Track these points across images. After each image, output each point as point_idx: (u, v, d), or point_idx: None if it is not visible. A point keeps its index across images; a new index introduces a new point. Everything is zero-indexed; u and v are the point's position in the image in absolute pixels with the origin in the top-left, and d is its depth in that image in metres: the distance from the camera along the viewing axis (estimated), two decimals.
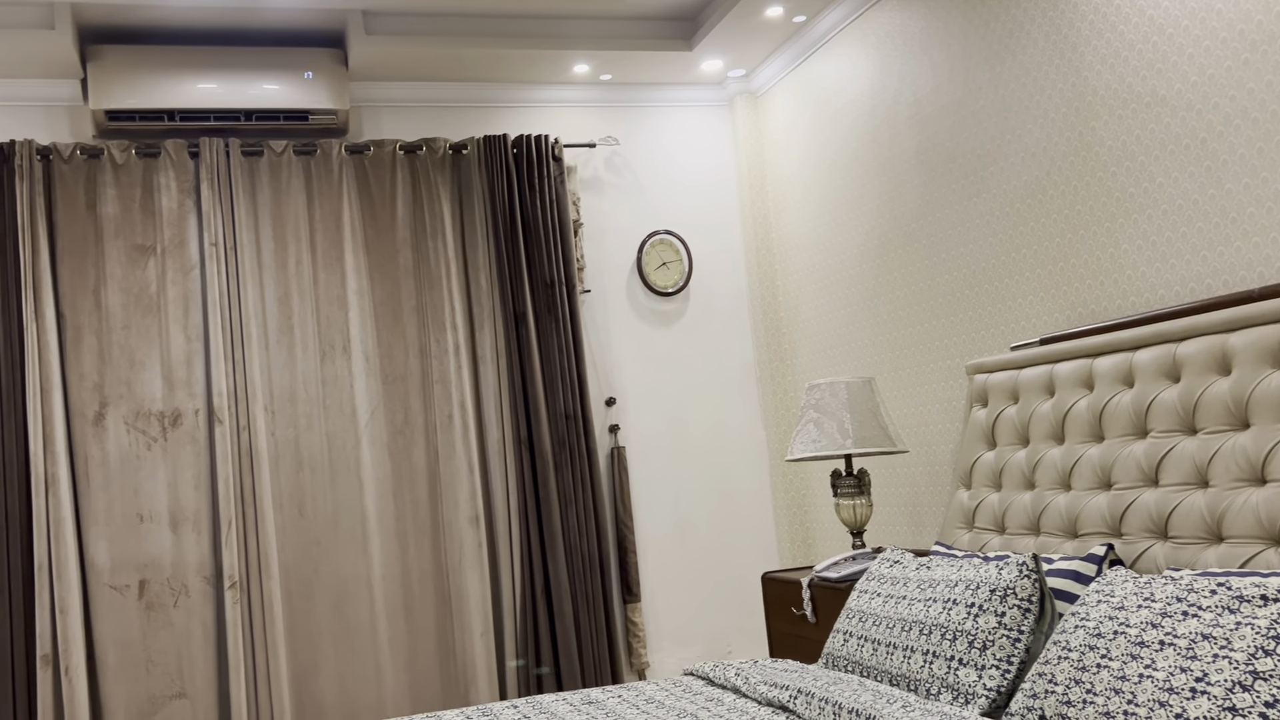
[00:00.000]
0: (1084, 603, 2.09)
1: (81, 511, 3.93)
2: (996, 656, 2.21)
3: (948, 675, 2.25)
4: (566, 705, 2.60)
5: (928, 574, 2.55)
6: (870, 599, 2.65)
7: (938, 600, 2.40)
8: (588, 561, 4.41)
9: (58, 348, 3.94)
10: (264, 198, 4.26)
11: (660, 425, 4.76)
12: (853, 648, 2.60)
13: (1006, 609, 2.25)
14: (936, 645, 2.31)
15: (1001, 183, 3.39)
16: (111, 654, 3.89)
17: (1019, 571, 2.30)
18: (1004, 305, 3.41)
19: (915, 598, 2.48)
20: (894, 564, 2.74)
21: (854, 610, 2.69)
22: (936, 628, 2.34)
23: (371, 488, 4.25)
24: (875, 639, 2.51)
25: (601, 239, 4.76)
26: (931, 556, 2.70)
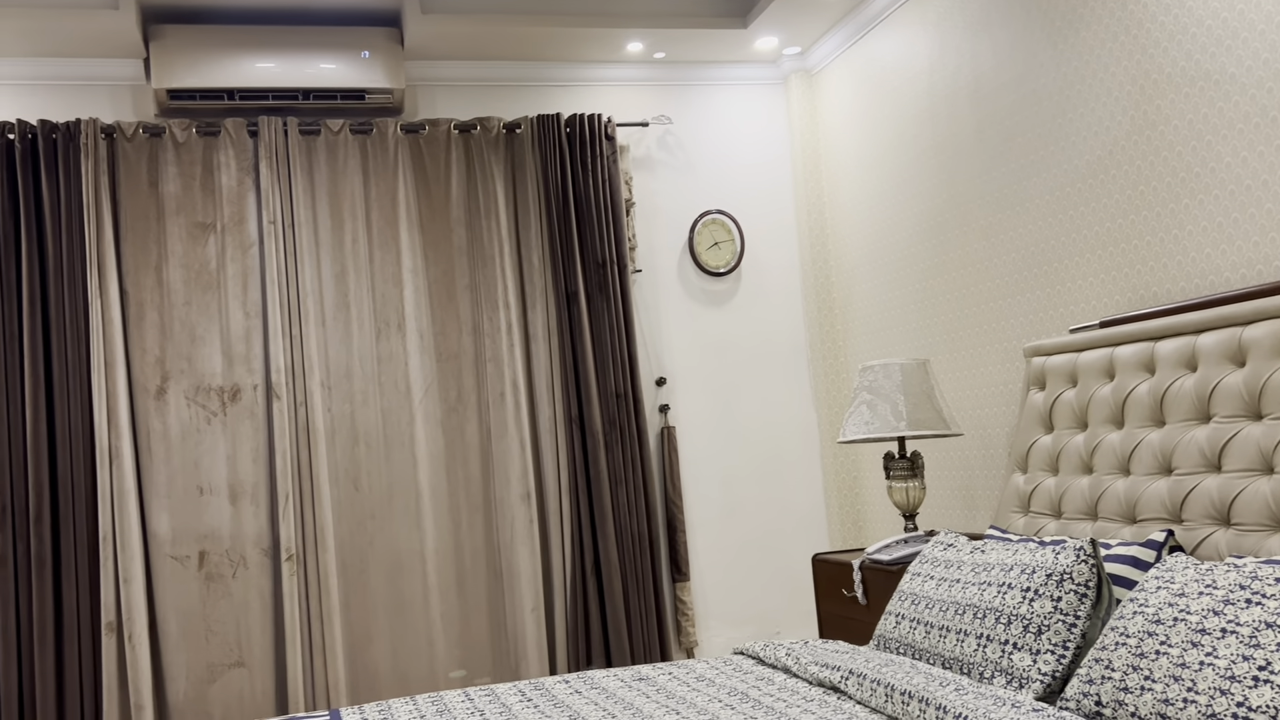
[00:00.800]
0: (1143, 589, 2.07)
1: (144, 484, 4.02)
2: (1052, 641, 2.19)
3: (1001, 659, 2.23)
4: (617, 681, 2.62)
5: (982, 558, 2.53)
6: (923, 582, 2.64)
7: (992, 584, 2.38)
8: (637, 540, 4.43)
9: (121, 323, 4.02)
10: (321, 176, 4.31)
11: (710, 406, 4.76)
12: (905, 630, 2.59)
13: (1063, 594, 2.23)
14: (990, 629, 2.29)
15: (1062, 162, 3.33)
16: (173, 622, 3.98)
17: (1076, 556, 2.27)
18: (1063, 287, 3.35)
19: (969, 581, 2.46)
20: (948, 547, 2.72)
21: (906, 593, 2.68)
22: (991, 611, 2.32)
23: (425, 463, 4.30)
24: (928, 622, 2.50)
25: (653, 218, 4.75)
26: (986, 540, 2.68)
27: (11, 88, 4.13)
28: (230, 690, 4.00)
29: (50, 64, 4.14)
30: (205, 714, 3.97)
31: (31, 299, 3.91)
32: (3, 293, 3.88)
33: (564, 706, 2.39)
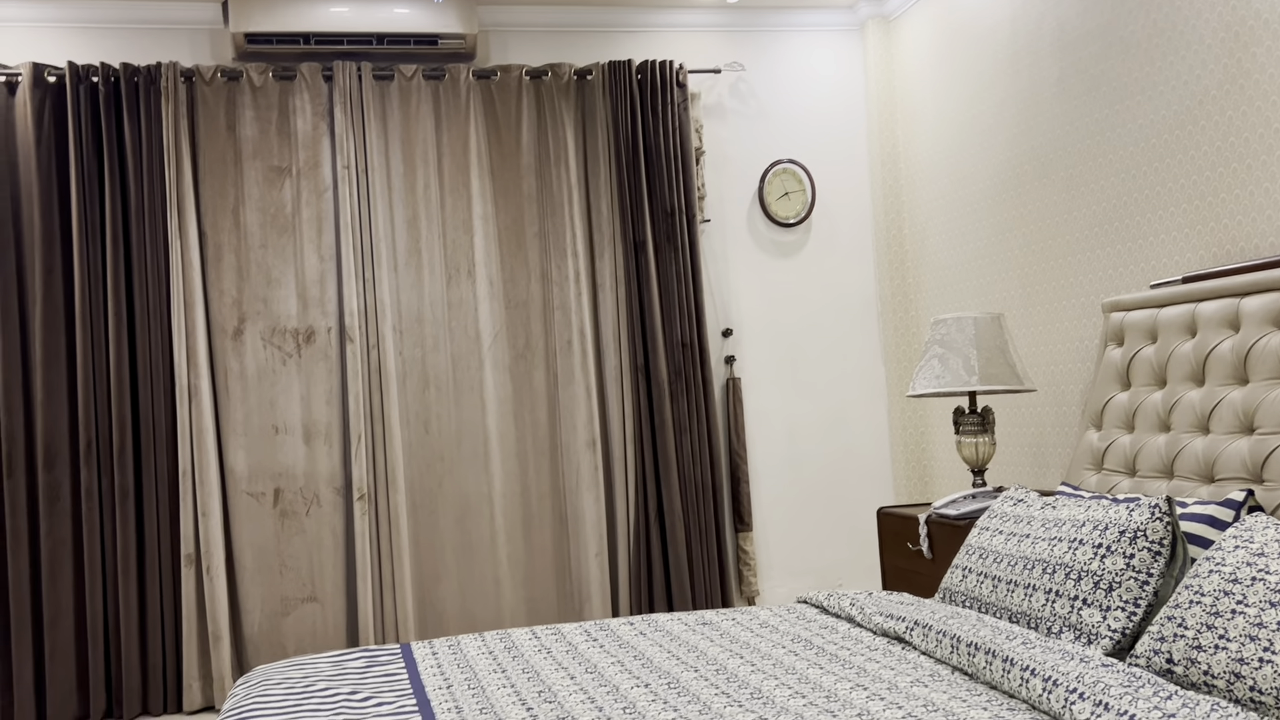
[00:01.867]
0: (1220, 548, 2.03)
1: (221, 422, 4.13)
2: (1123, 598, 2.16)
3: (1070, 615, 2.22)
4: (681, 625, 2.65)
5: (1053, 513, 2.50)
6: (992, 536, 2.62)
7: (1063, 540, 2.36)
8: (701, 489, 4.45)
9: (200, 265, 4.11)
10: (394, 122, 4.34)
11: (777, 357, 4.74)
12: (971, 584, 2.57)
13: (1136, 551, 2.20)
14: (1060, 584, 2.27)
15: (1148, 113, 3.23)
16: (249, 556, 4.11)
17: (1150, 514, 2.24)
18: (1144, 242, 3.27)
19: (1039, 536, 2.44)
20: (1018, 502, 2.69)
21: (974, 547, 2.66)
22: (1061, 567, 2.30)
23: (493, 409, 4.36)
24: (995, 576, 2.49)
25: (723, 167, 4.71)
26: (1057, 496, 2.65)
27: (95, 30, 4.21)
28: (303, 624, 4.13)
29: (132, 7, 4.21)
30: (279, 646, 4.11)
31: (114, 240, 4.01)
32: (87, 233, 3.99)
33: (629, 647, 2.43)
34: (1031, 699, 1.82)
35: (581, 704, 1.98)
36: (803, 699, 1.93)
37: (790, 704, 1.90)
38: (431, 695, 2.10)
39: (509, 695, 2.07)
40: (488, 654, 2.45)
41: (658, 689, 2.05)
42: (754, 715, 1.85)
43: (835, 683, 2.03)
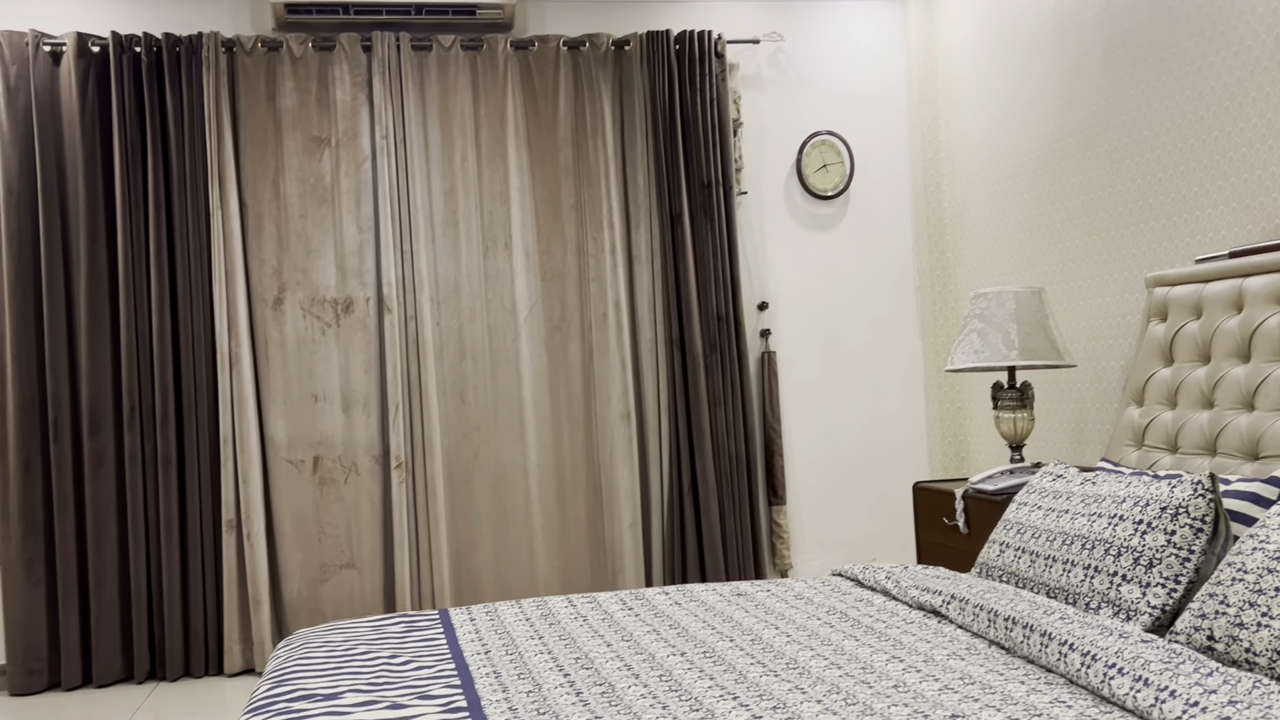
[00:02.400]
0: (1264, 525, 2.01)
1: (261, 390, 4.18)
2: (1163, 575, 2.15)
3: (1109, 591, 2.20)
4: (716, 595, 2.66)
5: (1093, 489, 2.48)
6: (1030, 511, 2.60)
7: (1103, 515, 2.34)
8: (735, 462, 4.46)
9: (240, 234, 4.15)
10: (432, 93, 4.34)
11: (812, 331, 4.72)
12: (1009, 559, 2.56)
13: (1177, 527, 2.18)
14: (1099, 560, 2.26)
15: (1197, 83, 3.17)
16: (288, 523, 4.16)
17: (1193, 490, 2.21)
18: (1190, 215, 3.22)
19: (1079, 512, 2.42)
20: (1057, 478, 2.67)
21: (1012, 522, 2.65)
22: (1100, 543, 2.28)
23: (529, 380, 4.38)
24: (1033, 551, 2.47)
25: (761, 139, 4.68)
26: (1097, 472, 2.63)
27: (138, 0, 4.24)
28: (341, 590, 4.19)
29: None
30: (318, 611, 4.17)
31: (157, 209, 4.05)
32: (130, 202, 4.03)
33: (664, 616, 2.44)
34: (1070, 674, 1.81)
35: (618, 671, 1.99)
36: (838, 670, 1.94)
37: (826, 675, 1.91)
38: (470, 660, 2.13)
39: (546, 662, 2.09)
40: (525, 621, 2.47)
41: (694, 658, 2.07)
42: (790, 685, 1.85)
43: (871, 654, 2.04)
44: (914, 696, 1.76)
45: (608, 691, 1.86)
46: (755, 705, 1.74)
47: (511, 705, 1.81)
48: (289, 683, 1.98)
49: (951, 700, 1.73)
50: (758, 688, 1.85)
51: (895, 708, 1.71)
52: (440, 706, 1.80)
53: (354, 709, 1.79)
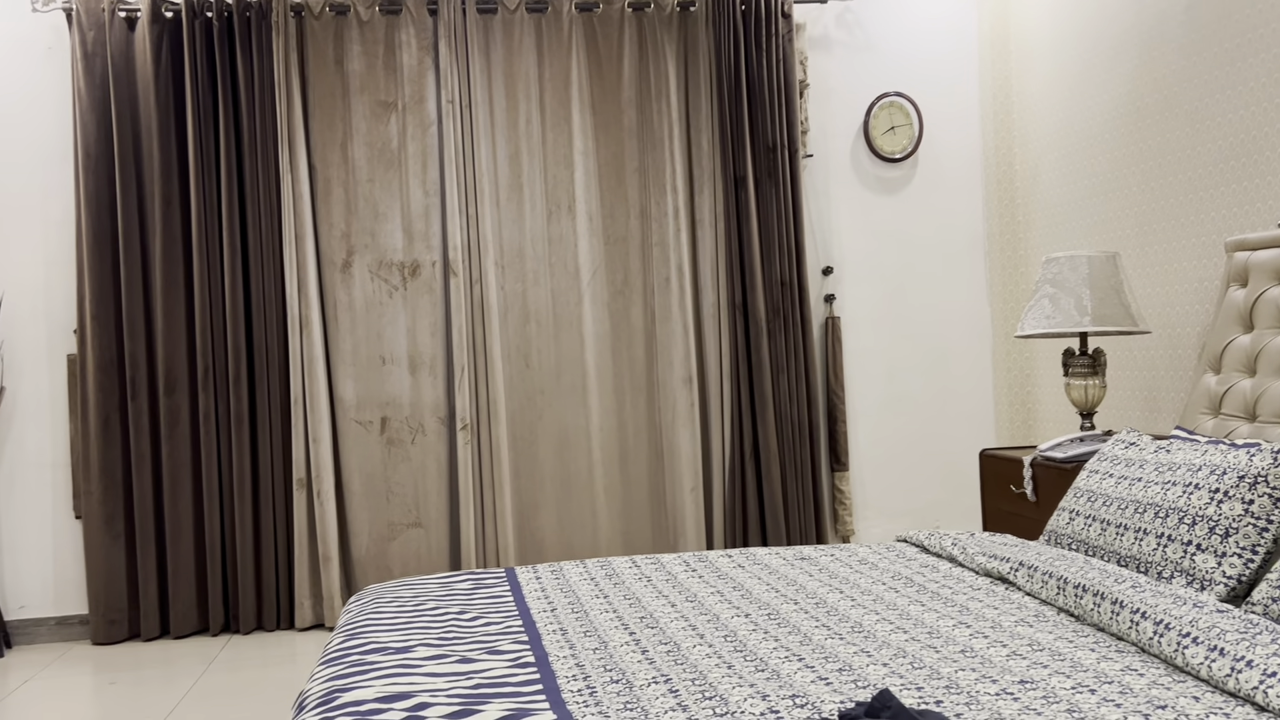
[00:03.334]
0: None
1: (331, 352, 4.25)
2: (1239, 545, 2.10)
3: (1183, 560, 2.17)
4: (780, 559, 2.66)
5: (1167, 457, 2.43)
6: (1101, 479, 2.56)
7: (1177, 484, 2.29)
8: (797, 428, 4.44)
9: (310, 198, 4.21)
10: (497, 56, 4.35)
11: (878, 296, 4.67)
12: (1078, 527, 2.53)
13: (1255, 496, 2.13)
14: (1173, 529, 2.22)
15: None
16: (357, 482, 4.24)
17: (1273, 459, 2.16)
18: (1273, 178, 3.11)
19: (1152, 480, 2.38)
20: (1129, 445, 2.63)
21: (1082, 490, 2.61)
22: (1174, 511, 2.24)
23: (592, 344, 4.40)
24: (1104, 519, 2.44)
25: (827, 101, 4.62)
26: (1171, 440, 2.57)
27: None
28: (408, 548, 4.27)
29: None
30: (385, 568, 4.25)
31: (229, 173, 4.12)
32: (203, 166, 4.10)
33: (728, 578, 2.45)
34: (1141, 642, 1.79)
35: (683, 630, 2.01)
36: (904, 634, 1.93)
37: (891, 639, 1.91)
38: (536, 617, 2.16)
39: (611, 619, 2.12)
40: (589, 580, 2.50)
41: (758, 619, 2.08)
42: (855, 648, 1.85)
43: (937, 620, 2.03)
44: (981, 661, 1.75)
45: (673, 650, 1.88)
46: (820, 667, 1.75)
47: (578, 661, 1.83)
48: (361, 636, 2.03)
49: (1019, 666, 1.72)
50: (822, 650, 1.85)
51: (962, 672, 1.70)
52: (509, 661, 1.83)
53: (425, 662, 1.83)
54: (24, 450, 4.15)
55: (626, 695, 1.63)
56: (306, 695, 1.72)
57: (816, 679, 1.68)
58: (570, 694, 1.65)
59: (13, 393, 4.14)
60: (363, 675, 1.75)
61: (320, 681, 1.76)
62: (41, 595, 4.16)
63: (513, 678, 1.74)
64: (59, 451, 4.17)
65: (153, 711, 3.22)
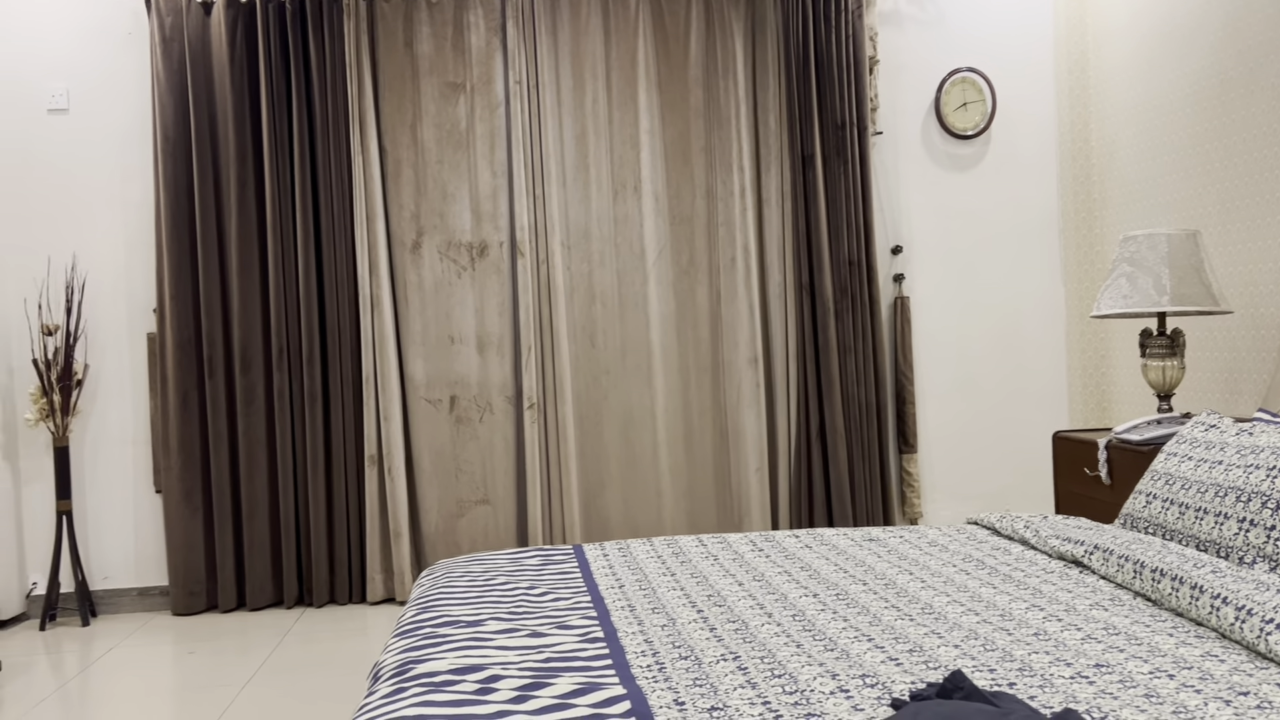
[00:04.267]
0: None
1: (401, 331, 4.31)
2: None
3: (1265, 545, 2.11)
4: (847, 540, 2.65)
5: (1250, 440, 2.37)
6: (1180, 462, 2.50)
7: (1260, 467, 2.23)
8: (864, 409, 4.40)
9: (380, 179, 4.26)
10: (564, 36, 4.35)
11: (948, 276, 4.60)
12: (1156, 510, 2.48)
13: None
14: (1255, 513, 2.16)
15: None
16: (426, 459, 4.31)
17: None
18: None
19: (1233, 463, 2.32)
20: (1209, 428, 2.56)
21: (1160, 473, 2.55)
22: (1257, 495, 2.18)
23: (657, 324, 4.40)
24: (1183, 503, 2.38)
25: (897, 77, 4.55)
26: (1254, 423, 2.50)
27: None
28: (476, 524, 4.32)
29: None
30: (454, 544, 4.32)
31: (301, 155, 4.19)
32: (277, 148, 4.18)
33: (795, 559, 2.45)
34: (1222, 628, 1.75)
35: (750, 609, 2.01)
36: (976, 616, 1.91)
37: (963, 620, 1.89)
38: (605, 593, 2.18)
39: (679, 597, 2.12)
40: (656, 558, 2.51)
41: (826, 599, 2.07)
42: (925, 629, 1.84)
43: (1010, 602, 2.00)
44: (1055, 645, 1.73)
45: (741, 628, 1.88)
46: (890, 647, 1.74)
47: (647, 637, 1.84)
48: (434, 609, 2.07)
49: (1095, 650, 1.69)
50: (892, 630, 1.84)
51: (1035, 655, 1.68)
52: (578, 636, 1.85)
53: (496, 635, 1.85)
54: (107, 426, 4.27)
55: (695, 671, 1.64)
56: (382, 666, 1.76)
57: (886, 659, 1.67)
58: (639, 669, 1.67)
59: (96, 370, 4.27)
60: (436, 647, 1.78)
61: (395, 653, 1.79)
62: (124, 567, 4.29)
63: (582, 652, 1.76)
64: (140, 428, 4.29)
65: (230, 681, 3.32)
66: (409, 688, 1.58)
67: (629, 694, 1.53)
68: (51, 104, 4.23)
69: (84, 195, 4.26)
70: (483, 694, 1.54)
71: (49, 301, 4.23)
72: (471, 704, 1.50)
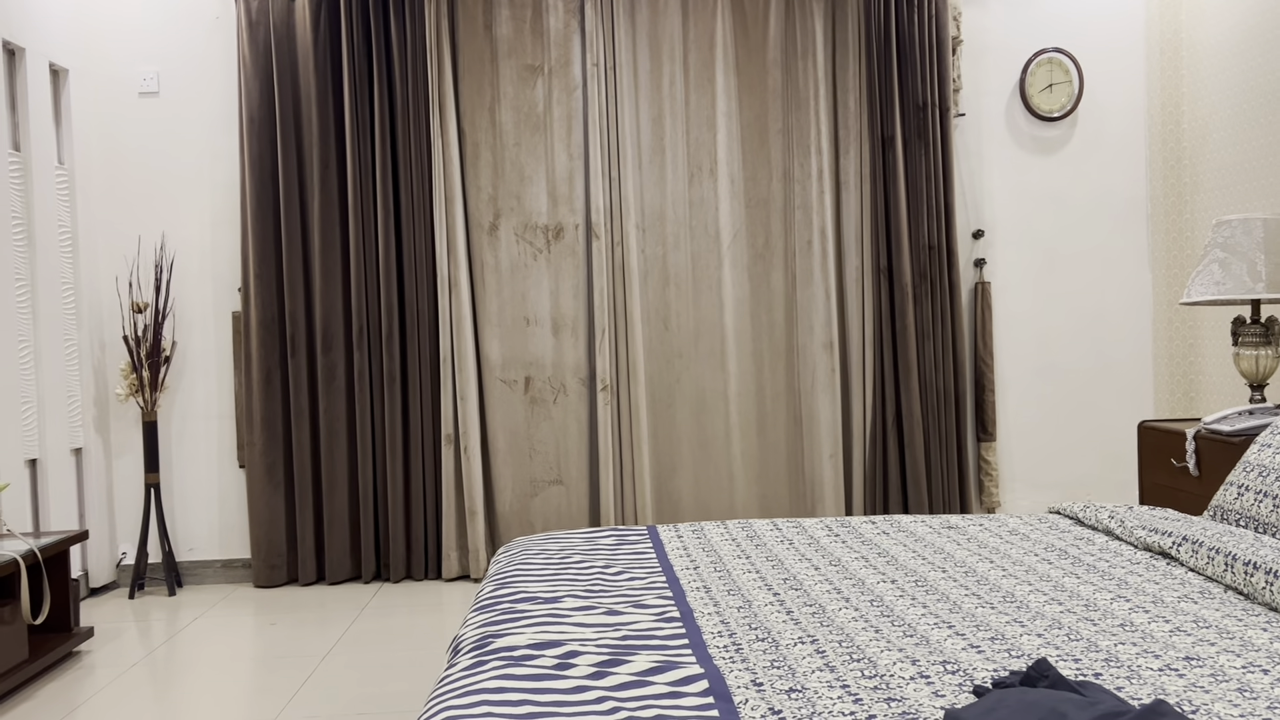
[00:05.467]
0: None
1: (477, 312, 4.36)
2: None
3: None
4: (925, 527, 2.61)
5: None
6: (1274, 454, 2.42)
7: None
8: (942, 396, 4.34)
9: (459, 162, 4.30)
10: (642, 17, 4.34)
11: (1031, 261, 4.50)
12: (1248, 503, 2.40)
13: None
14: None
15: None
16: (501, 439, 4.35)
17: None
18: None
19: None
20: None
21: (1252, 464, 2.48)
22: None
23: (731, 308, 4.38)
24: (1276, 495, 2.31)
25: (981, 58, 4.46)
26: None
27: None
28: (549, 504, 4.36)
29: None
30: (527, 524, 4.36)
31: (382, 138, 4.24)
32: (358, 131, 4.24)
33: (872, 544, 2.42)
34: None
35: (827, 594, 2.00)
36: (1059, 606, 1.88)
37: (1046, 610, 1.85)
38: (680, 574, 2.18)
39: (754, 580, 2.12)
40: (730, 540, 2.51)
41: (904, 586, 2.04)
42: (1007, 618, 1.81)
43: (1094, 593, 1.96)
44: (1142, 636, 1.69)
45: (818, 612, 1.87)
46: (971, 635, 1.71)
47: (723, 619, 1.84)
48: (511, 584, 2.09)
49: (1184, 643, 1.65)
50: (973, 618, 1.81)
51: (1122, 646, 1.64)
52: (654, 615, 1.86)
53: (573, 612, 1.87)
54: (193, 402, 4.39)
55: (772, 654, 1.63)
56: (461, 639, 1.78)
57: (967, 646, 1.65)
58: (716, 649, 1.67)
59: (183, 348, 4.38)
60: (514, 622, 1.80)
61: (474, 627, 1.82)
62: (208, 539, 4.41)
63: (659, 631, 1.76)
64: (224, 403, 4.40)
65: (310, 652, 3.40)
66: (489, 661, 1.60)
67: (706, 673, 1.53)
68: (143, 88, 4.34)
69: (173, 176, 4.37)
70: (561, 669, 1.55)
71: (139, 280, 4.35)
72: (550, 678, 1.51)
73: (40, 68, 3.92)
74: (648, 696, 1.44)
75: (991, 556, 2.27)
